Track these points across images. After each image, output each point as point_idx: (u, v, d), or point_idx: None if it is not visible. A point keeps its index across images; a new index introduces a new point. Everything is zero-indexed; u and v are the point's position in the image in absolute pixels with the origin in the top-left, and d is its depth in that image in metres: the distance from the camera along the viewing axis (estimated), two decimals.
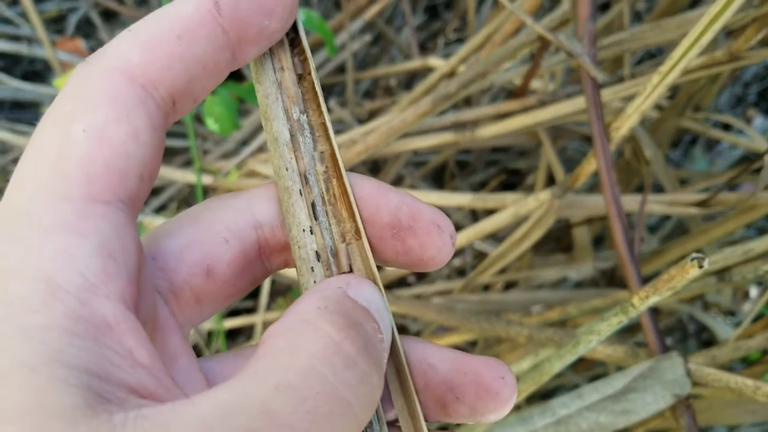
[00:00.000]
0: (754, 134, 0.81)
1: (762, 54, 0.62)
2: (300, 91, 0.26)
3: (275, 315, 0.85)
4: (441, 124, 0.77)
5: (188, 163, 1.03)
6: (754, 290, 0.99)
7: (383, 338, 0.23)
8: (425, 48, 1.23)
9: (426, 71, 0.99)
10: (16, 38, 1.14)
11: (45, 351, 0.18)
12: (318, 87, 0.26)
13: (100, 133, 0.21)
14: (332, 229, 0.26)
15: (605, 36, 0.69)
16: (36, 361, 0.17)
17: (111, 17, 1.30)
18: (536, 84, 0.83)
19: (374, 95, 1.14)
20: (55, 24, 1.30)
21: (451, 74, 0.78)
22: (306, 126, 0.26)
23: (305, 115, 0.26)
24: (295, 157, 0.26)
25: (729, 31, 0.69)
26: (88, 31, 1.29)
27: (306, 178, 0.26)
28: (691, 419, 0.48)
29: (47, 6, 1.27)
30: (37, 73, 1.29)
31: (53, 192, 0.20)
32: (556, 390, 1.05)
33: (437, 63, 0.91)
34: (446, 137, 0.76)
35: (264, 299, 0.86)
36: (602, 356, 0.60)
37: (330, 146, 0.26)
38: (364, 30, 1.02)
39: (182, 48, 0.22)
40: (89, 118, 0.21)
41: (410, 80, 1.17)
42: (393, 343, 0.26)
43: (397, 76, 1.11)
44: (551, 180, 0.96)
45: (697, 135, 1.23)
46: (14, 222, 0.20)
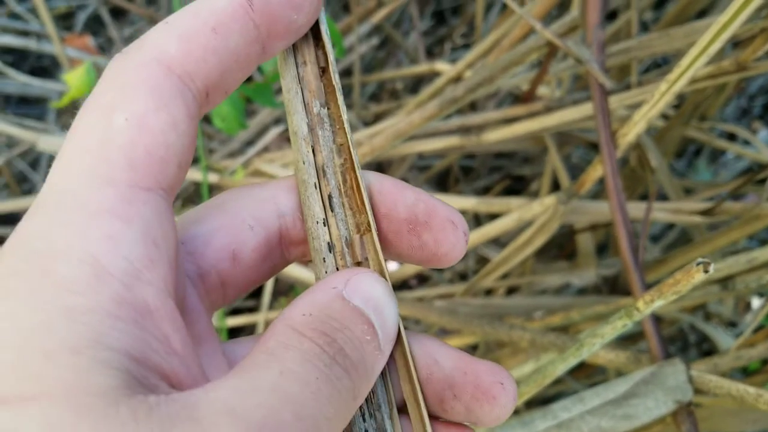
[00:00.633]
0: (760, 145, 0.82)
1: None
2: (322, 85, 0.27)
3: (277, 314, 0.85)
4: (447, 128, 0.77)
5: (194, 161, 1.04)
6: (756, 301, 0.99)
7: (374, 338, 0.24)
8: (432, 52, 1.23)
9: (432, 75, 0.99)
10: (25, 33, 1.15)
11: (88, 333, 0.18)
12: (337, 80, 0.26)
13: (142, 122, 0.21)
14: (348, 221, 0.27)
15: (613, 43, 0.69)
16: (79, 343, 0.18)
17: (120, 14, 1.31)
18: (543, 90, 0.83)
19: (380, 98, 1.14)
20: (64, 20, 1.30)
21: (458, 79, 0.78)
22: (326, 119, 0.27)
23: (326, 109, 0.27)
24: (313, 151, 0.27)
25: (736, 42, 0.70)
26: (97, 28, 1.29)
27: (324, 171, 0.27)
28: (693, 426, 0.48)
29: (57, 2, 1.28)
30: (45, 69, 1.30)
31: (98, 176, 0.20)
32: (557, 396, 1.05)
33: (444, 67, 0.91)
34: (452, 141, 0.76)
35: (266, 298, 0.87)
36: (604, 361, 0.61)
37: (346, 139, 0.27)
38: (372, 33, 1.02)
39: (217, 41, 0.23)
40: (130, 107, 0.21)
41: (416, 84, 1.17)
42: (399, 334, 0.26)
43: (404, 80, 1.12)
44: (556, 186, 0.96)
45: (702, 146, 1.24)
46: (61, 205, 0.20)
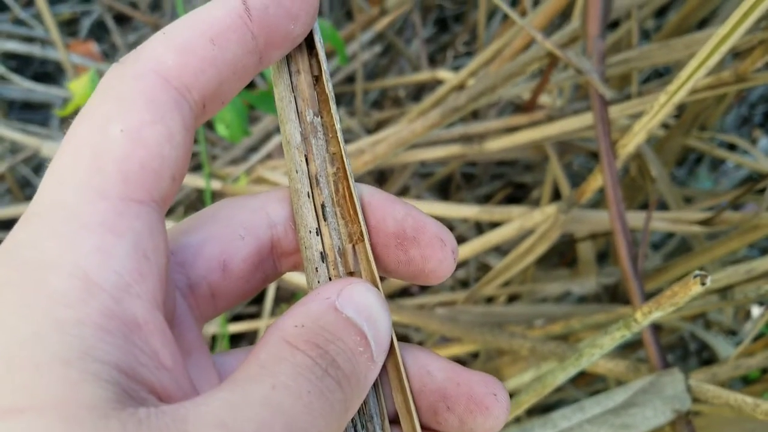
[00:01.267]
0: (759, 155, 0.82)
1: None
2: (315, 94, 0.27)
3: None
4: (449, 136, 0.77)
5: (197, 168, 1.04)
6: (756, 310, 0.99)
7: (366, 348, 0.24)
8: (434, 60, 1.24)
9: (434, 83, 1.00)
10: (30, 39, 1.16)
11: (78, 345, 0.18)
12: (330, 89, 0.26)
13: (137, 134, 0.21)
14: (340, 230, 0.27)
15: (614, 54, 0.69)
16: (69, 355, 0.18)
17: (124, 21, 1.31)
18: (544, 99, 0.84)
19: (383, 105, 1.15)
20: (69, 26, 1.31)
21: (460, 87, 0.79)
22: (319, 128, 0.27)
23: (319, 117, 0.27)
24: (306, 160, 0.27)
25: (736, 53, 0.70)
26: (101, 35, 1.30)
27: (317, 180, 0.27)
28: None
29: (61, 8, 1.28)
30: (49, 75, 1.30)
31: (91, 188, 0.20)
32: (557, 404, 1.05)
33: (446, 75, 0.92)
34: (454, 149, 0.77)
35: (268, 305, 0.87)
36: (604, 370, 0.61)
37: (339, 148, 0.27)
38: (374, 41, 1.03)
39: (215, 52, 0.23)
40: (126, 119, 0.21)
41: (419, 92, 1.18)
42: (392, 344, 0.26)
43: (406, 88, 1.12)
44: (557, 194, 0.96)
45: (703, 154, 1.24)
46: (53, 216, 0.20)
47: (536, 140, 0.73)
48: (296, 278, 0.80)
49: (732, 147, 1.16)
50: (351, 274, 0.27)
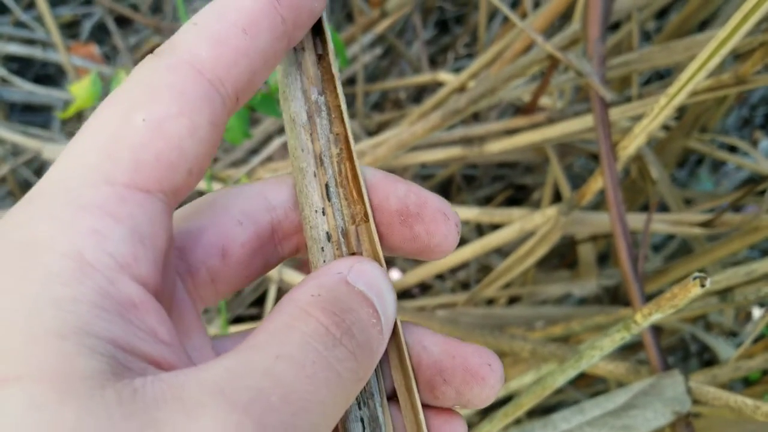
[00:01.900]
0: (760, 157, 0.82)
1: None
2: (319, 72, 0.26)
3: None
4: (449, 139, 0.77)
5: None
6: (757, 311, 0.99)
7: (378, 321, 0.24)
8: (435, 62, 1.24)
9: (435, 85, 1.00)
10: (31, 42, 1.16)
11: (74, 321, 0.19)
12: (335, 68, 0.26)
13: (159, 125, 0.21)
14: (344, 211, 0.27)
15: (614, 56, 0.70)
16: (66, 330, 0.18)
17: (125, 23, 1.32)
18: (545, 101, 0.84)
19: (383, 108, 1.15)
20: (70, 29, 1.31)
21: (461, 89, 0.79)
22: (323, 107, 0.26)
23: (323, 97, 0.26)
24: (311, 139, 0.26)
25: (736, 55, 0.70)
26: (102, 37, 1.30)
27: (321, 160, 0.27)
28: None
29: (62, 11, 1.28)
30: (50, 77, 1.30)
31: (98, 173, 0.21)
32: (558, 406, 1.05)
33: (447, 78, 0.92)
34: (454, 151, 0.77)
35: (269, 306, 0.87)
36: (604, 372, 0.61)
37: (344, 129, 0.27)
38: (375, 43, 1.03)
39: (248, 42, 0.23)
40: (151, 108, 0.21)
41: (419, 93, 1.18)
42: (395, 323, 0.27)
43: (407, 90, 1.12)
44: (557, 196, 0.97)
45: (703, 155, 1.24)
46: (51, 197, 0.20)
47: (537, 142, 0.73)
48: (297, 279, 0.80)
49: (733, 149, 1.16)
50: (354, 255, 0.27)
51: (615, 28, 1.06)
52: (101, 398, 0.17)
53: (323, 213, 0.27)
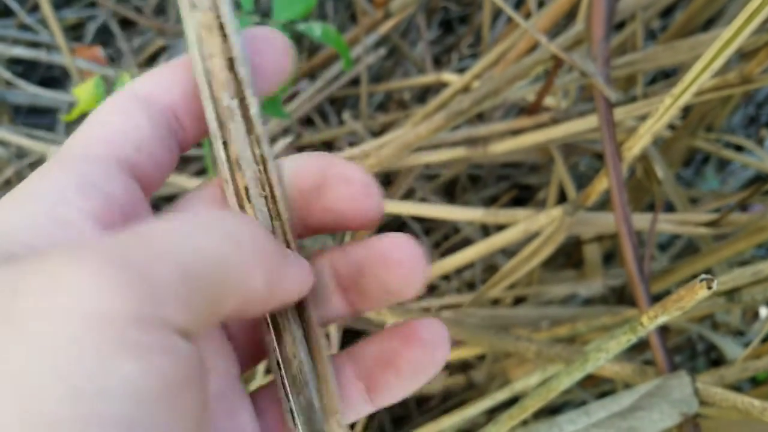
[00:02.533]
0: (766, 155, 0.82)
1: None
2: (231, 76, 0.26)
3: None
4: (453, 139, 0.77)
5: (202, 172, 1.05)
6: (764, 311, 0.99)
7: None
8: (439, 62, 1.24)
9: (439, 85, 1.00)
10: (35, 45, 1.16)
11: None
12: (245, 72, 0.26)
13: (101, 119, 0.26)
14: (267, 210, 0.27)
15: (619, 55, 0.69)
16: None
17: (129, 26, 1.32)
18: (549, 100, 0.84)
19: (388, 108, 1.15)
20: (74, 31, 1.31)
21: (465, 90, 0.79)
22: (237, 111, 0.27)
23: (236, 101, 0.26)
24: (226, 144, 0.27)
25: (741, 54, 0.70)
26: (107, 39, 1.30)
27: (239, 164, 0.27)
28: None
29: (66, 13, 1.29)
30: (55, 80, 1.31)
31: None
32: (564, 406, 1.05)
33: (451, 78, 0.92)
34: (459, 152, 0.77)
35: None
36: (610, 373, 0.61)
37: (257, 130, 0.27)
38: (379, 44, 1.03)
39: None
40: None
41: (423, 94, 1.18)
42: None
43: (411, 90, 1.12)
44: (563, 195, 0.96)
45: (709, 154, 1.24)
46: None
47: (541, 143, 0.73)
48: None
49: (739, 147, 1.15)
50: None
51: (619, 28, 1.06)
52: None
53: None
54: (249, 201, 0.27)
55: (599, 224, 0.70)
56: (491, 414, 0.99)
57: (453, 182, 1.15)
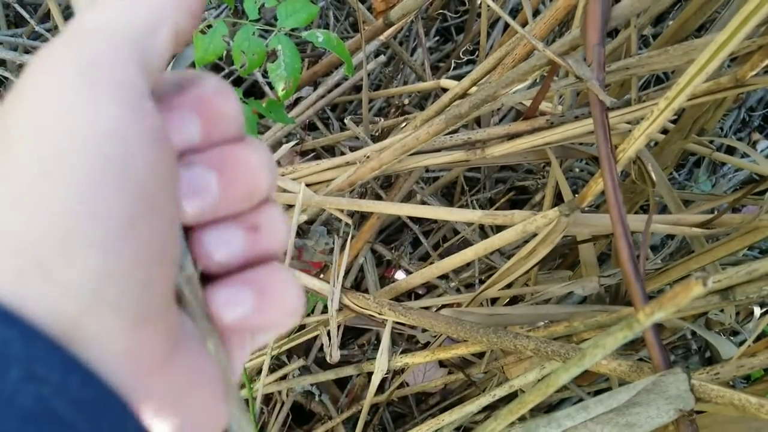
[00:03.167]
0: (759, 157, 0.83)
1: (767, 80, 0.64)
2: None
3: None
4: (452, 143, 0.79)
5: None
6: (758, 309, 1.00)
7: None
8: (438, 68, 1.25)
9: (438, 91, 1.01)
10: None
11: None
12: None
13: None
14: None
15: (613, 60, 0.71)
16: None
17: None
18: (545, 104, 0.85)
19: (388, 113, 1.16)
20: None
21: (463, 95, 0.80)
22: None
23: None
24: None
25: (734, 57, 0.71)
26: None
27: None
28: None
29: None
30: None
31: None
32: (561, 403, 1.07)
33: (450, 84, 0.93)
34: (457, 155, 0.78)
35: None
36: (607, 370, 0.62)
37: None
38: (379, 51, 1.04)
39: None
40: None
41: (423, 99, 1.19)
42: None
43: (410, 95, 1.14)
44: (559, 195, 0.98)
45: (702, 157, 1.25)
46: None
47: (538, 146, 0.74)
48: (309, 282, 0.81)
49: (731, 149, 1.17)
50: None
51: (614, 34, 1.07)
52: None
53: None
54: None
55: (595, 225, 0.72)
56: (490, 410, 1.00)
57: (452, 184, 1.16)
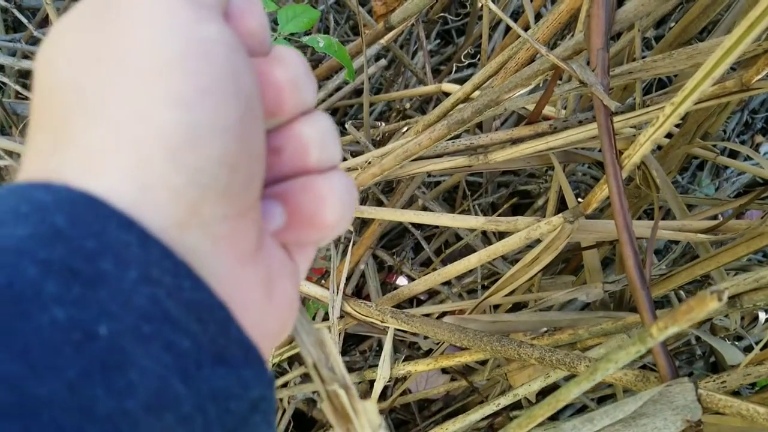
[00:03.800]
0: (762, 161, 0.83)
1: None
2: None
3: None
4: (454, 148, 0.78)
5: None
6: (763, 315, 0.99)
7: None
8: (439, 71, 1.24)
9: (440, 94, 1.00)
10: None
11: None
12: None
13: None
14: None
15: (616, 64, 0.70)
16: None
17: None
18: (548, 108, 0.84)
19: (389, 117, 1.16)
20: None
21: (466, 99, 0.79)
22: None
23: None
24: None
25: (738, 61, 0.71)
26: None
27: None
28: None
29: None
30: None
31: None
32: (564, 409, 1.06)
33: (452, 88, 0.93)
34: (459, 161, 0.77)
35: None
36: (613, 379, 0.61)
37: None
38: (380, 55, 1.03)
39: None
40: None
41: (425, 101, 1.19)
42: None
43: (411, 99, 1.13)
44: (562, 200, 0.97)
45: (705, 159, 1.25)
46: None
47: (541, 151, 0.74)
48: (311, 290, 0.81)
49: (735, 152, 1.16)
50: None
51: (615, 37, 1.06)
52: None
53: None
54: None
55: (599, 231, 0.71)
56: (494, 418, 1.00)
57: (454, 189, 1.15)
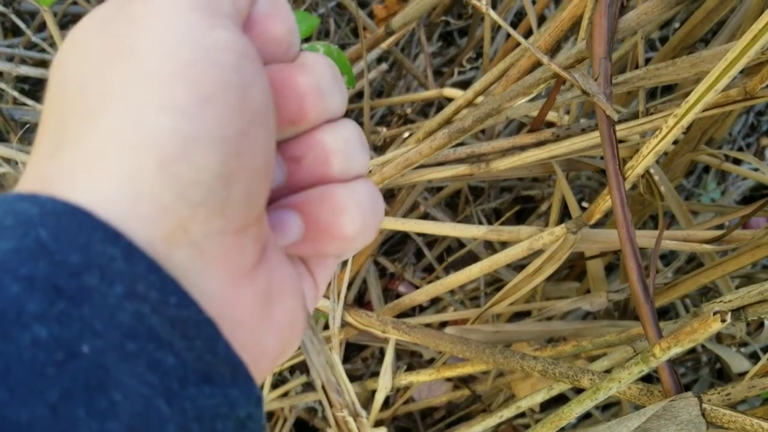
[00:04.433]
0: (765, 168, 0.82)
1: None
2: None
3: None
4: (456, 156, 0.77)
5: None
6: None
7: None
8: (441, 74, 1.24)
9: (442, 99, 1.00)
10: (43, 63, 1.16)
11: None
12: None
13: None
14: None
15: (619, 71, 0.69)
16: None
17: None
18: (551, 114, 0.84)
19: (390, 121, 1.15)
20: None
21: (467, 105, 0.79)
22: None
23: None
24: None
25: (742, 69, 0.70)
26: None
27: None
28: None
29: None
30: None
31: None
32: None
33: (453, 93, 0.92)
34: (461, 169, 0.77)
35: None
36: (617, 393, 0.61)
37: None
38: (381, 58, 1.03)
39: None
40: None
41: (426, 105, 1.18)
42: None
43: (413, 104, 1.12)
44: (565, 206, 0.96)
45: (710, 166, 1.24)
46: None
47: (544, 159, 0.73)
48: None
49: (739, 157, 1.15)
50: None
51: (619, 41, 1.06)
52: None
53: None
54: None
55: (603, 241, 0.70)
56: (496, 427, 0.99)
57: (456, 195, 1.15)
